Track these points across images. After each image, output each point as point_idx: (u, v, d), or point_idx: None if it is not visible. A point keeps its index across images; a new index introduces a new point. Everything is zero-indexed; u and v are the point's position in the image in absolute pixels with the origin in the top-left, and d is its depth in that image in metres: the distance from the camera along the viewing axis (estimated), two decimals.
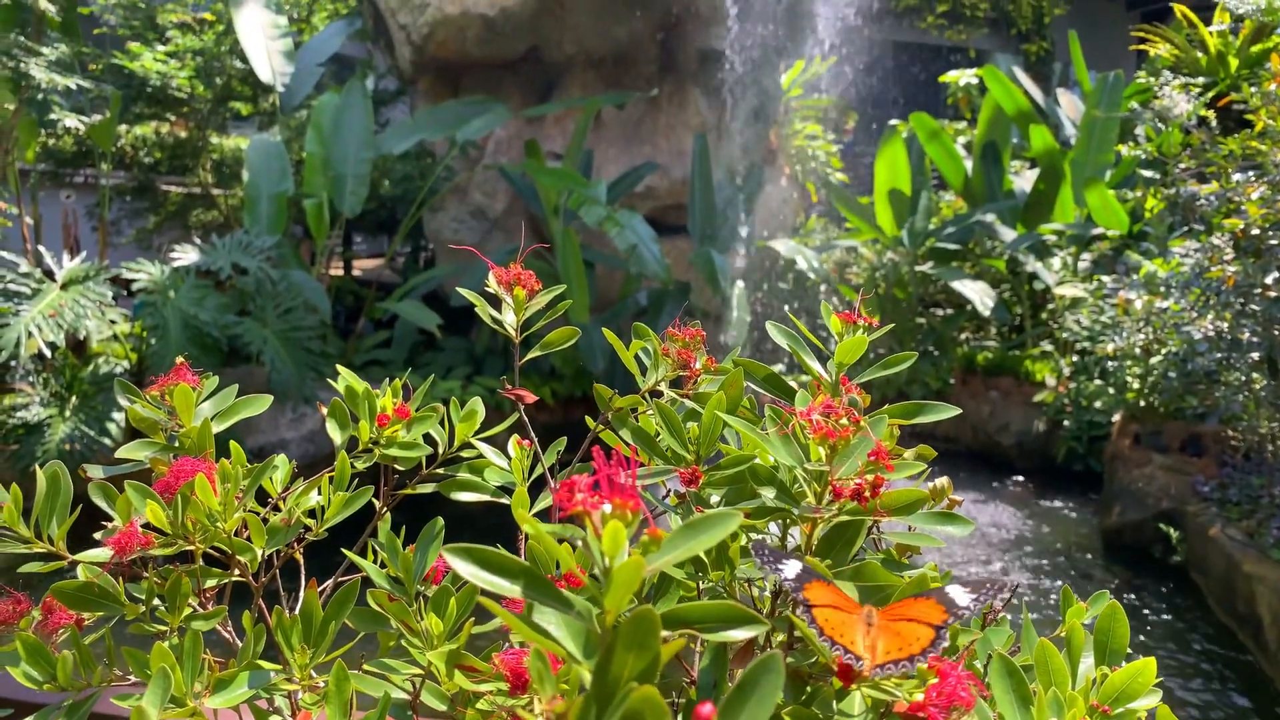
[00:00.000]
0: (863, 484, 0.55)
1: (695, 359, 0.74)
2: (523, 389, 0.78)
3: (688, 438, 0.65)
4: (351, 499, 0.74)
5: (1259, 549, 4.43)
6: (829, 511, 0.57)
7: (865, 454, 0.56)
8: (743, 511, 0.61)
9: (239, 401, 0.80)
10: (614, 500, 0.36)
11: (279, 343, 6.13)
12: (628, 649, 0.32)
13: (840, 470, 0.57)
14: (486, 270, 0.83)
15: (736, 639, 0.40)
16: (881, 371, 0.71)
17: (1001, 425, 7.55)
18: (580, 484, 0.37)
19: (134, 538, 0.61)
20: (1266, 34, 8.55)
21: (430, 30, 7.55)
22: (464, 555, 0.39)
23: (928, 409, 0.68)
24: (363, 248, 11.53)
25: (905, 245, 8.18)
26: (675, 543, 0.38)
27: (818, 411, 0.56)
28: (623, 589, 0.34)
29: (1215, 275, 4.60)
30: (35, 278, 5.60)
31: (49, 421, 5.43)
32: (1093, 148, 7.87)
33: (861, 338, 0.67)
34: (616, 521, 0.35)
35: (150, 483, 0.73)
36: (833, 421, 0.56)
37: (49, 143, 7.60)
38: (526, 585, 0.38)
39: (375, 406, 0.78)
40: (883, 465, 0.56)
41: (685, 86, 8.58)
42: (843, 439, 0.55)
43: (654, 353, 0.75)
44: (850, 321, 0.70)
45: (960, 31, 14.58)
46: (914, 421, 0.69)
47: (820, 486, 0.58)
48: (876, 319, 2.88)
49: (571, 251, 6.97)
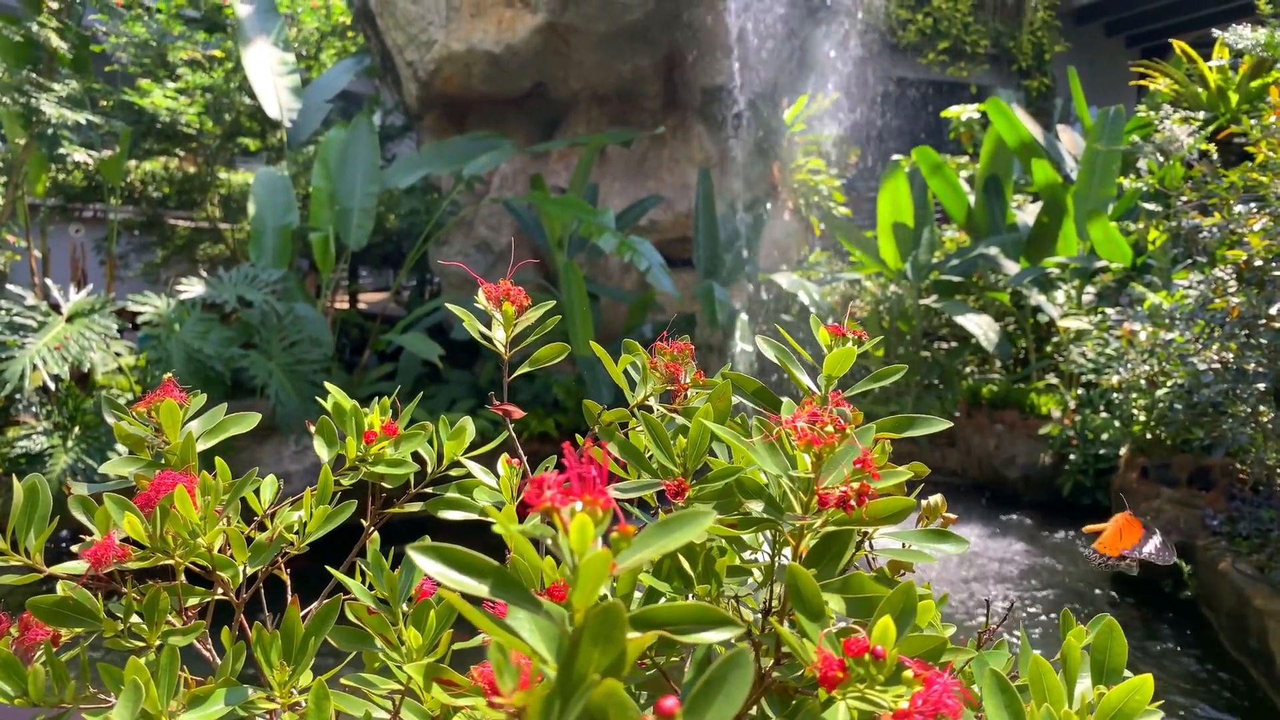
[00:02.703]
0: (848, 492, 0.54)
1: (683, 373, 0.74)
2: (510, 405, 0.77)
3: (675, 451, 0.65)
4: (334, 514, 0.73)
5: (1270, 584, 4.37)
6: (816, 520, 0.56)
7: (851, 462, 0.55)
8: (730, 521, 0.60)
9: (227, 419, 0.80)
10: (584, 497, 0.35)
11: (284, 376, 6.14)
12: (593, 643, 0.31)
13: (826, 478, 0.56)
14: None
15: (710, 640, 0.39)
16: (872, 384, 0.70)
17: (1007, 458, 7.49)
18: (550, 481, 0.36)
19: (110, 550, 0.60)
20: (1266, 69, 8.62)
21: (436, 67, 7.65)
22: (431, 554, 0.38)
23: (919, 422, 0.68)
24: (368, 281, 11.60)
25: (909, 278, 8.19)
26: (646, 540, 0.37)
27: (803, 419, 0.55)
28: (590, 584, 0.33)
29: (1219, 307, 4.59)
30: (41, 310, 5.63)
31: (51, 452, 5.44)
32: (1095, 181, 7.91)
33: (850, 349, 0.67)
34: (584, 516, 0.34)
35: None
36: (818, 429, 0.55)
37: (59, 177, 7.70)
38: (495, 584, 0.37)
39: (362, 423, 0.77)
40: (869, 473, 0.55)
41: (689, 121, 8.67)
42: (828, 446, 0.55)
43: (642, 367, 0.75)
44: (839, 335, 0.69)
45: (962, 68, 14.75)
46: (905, 435, 0.68)
47: (806, 495, 0.57)
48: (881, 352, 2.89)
49: (575, 284, 6.99)
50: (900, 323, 8.22)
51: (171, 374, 3.74)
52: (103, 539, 0.62)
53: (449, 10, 7.42)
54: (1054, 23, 15.40)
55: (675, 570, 0.59)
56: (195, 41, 7.96)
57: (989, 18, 14.74)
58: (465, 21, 7.43)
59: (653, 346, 0.76)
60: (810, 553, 0.59)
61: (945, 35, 14.69)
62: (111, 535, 0.63)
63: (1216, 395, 4.80)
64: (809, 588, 0.48)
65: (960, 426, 7.92)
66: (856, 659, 0.45)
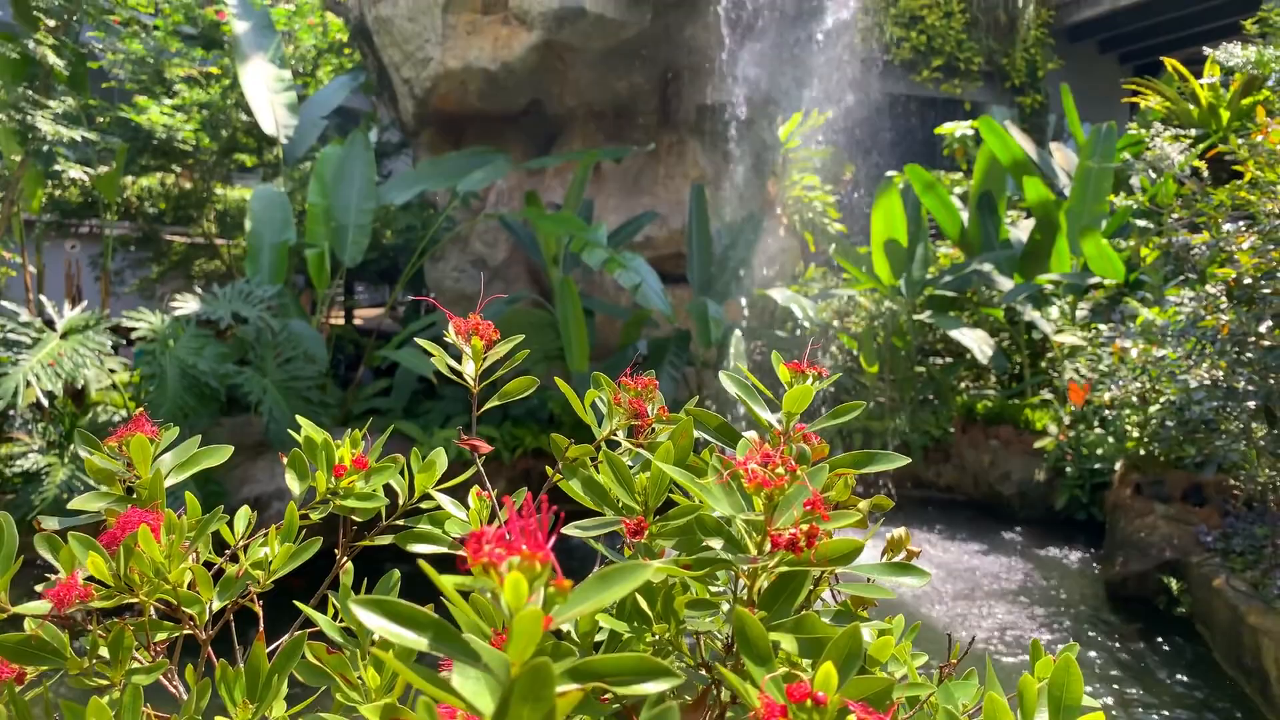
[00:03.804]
0: (797, 534, 0.55)
1: (648, 408, 0.74)
2: (479, 439, 0.78)
3: (637, 489, 0.65)
4: (299, 551, 0.73)
5: (1263, 601, 4.37)
6: (768, 562, 0.56)
7: (801, 503, 0.56)
8: (685, 562, 0.60)
9: (199, 452, 0.80)
10: (520, 552, 0.36)
11: (278, 392, 6.13)
12: (523, 700, 0.32)
13: (777, 520, 0.57)
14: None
15: (648, 692, 0.39)
16: (831, 421, 0.71)
17: (1002, 474, 7.50)
18: (488, 535, 0.37)
19: (73, 590, 0.61)
20: (1256, 86, 8.69)
21: (433, 84, 7.69)
22: (372, 607, 0.38)
23: (878, 458, 0.68)
24: (364, 297, 11.61)
25: (903, 294, 8.22)
26: (584, 594, 0.37)
27: (755, 461, 0.56)
28: (523, 640, 0.34)
29: (1210, 324, 4.61)
30: (35, 327, 5.63)
31: (47, 470, 5.42)
32: (1087, 198, 7.95)
33: (807, 387, 0.67)
34: (518, 574, 0.35)
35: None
36: (769, 471, 0.56)
37: (54, 193, 7.71)
38: (435, 638, 0.37)
39: (333, 457, 0.78)
40: (819, 515, 0.56)
41: (684, 138, 8.71)
42: (778, 489, 0.55)
43: (608, 403, 0.76)
44: (798, 371, 0.70)
45: (956, 85, 14.83)
46: (865, 471, 0.68)
47: (759, 536, 0.57)
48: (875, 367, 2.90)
49: (571, 300, 7.00)
50: (895, 338, 8.24)
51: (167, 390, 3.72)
52: (66, 579, 0.62)
53: (445, 28, 7.46)
54: (1047, 40, 15.51)
55: (635, 610, 0.60)
56: (192, 58, 8.00)
57: (983, 35, 14.84)
58: (461, 39, 7.47)
59: (619, 380, 0.76)
60: (766, 591, 0.59)
61: (939, 52, 14.79)
62: (75, 575, 0.63)
63: (1208, 412, 4.82)
64: (755, 631, 0.48)
65: (955, 442, 7.93)
66: (799, 704, 0.45)
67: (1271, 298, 4.35)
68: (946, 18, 14.74)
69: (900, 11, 14.78)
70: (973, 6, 14.79)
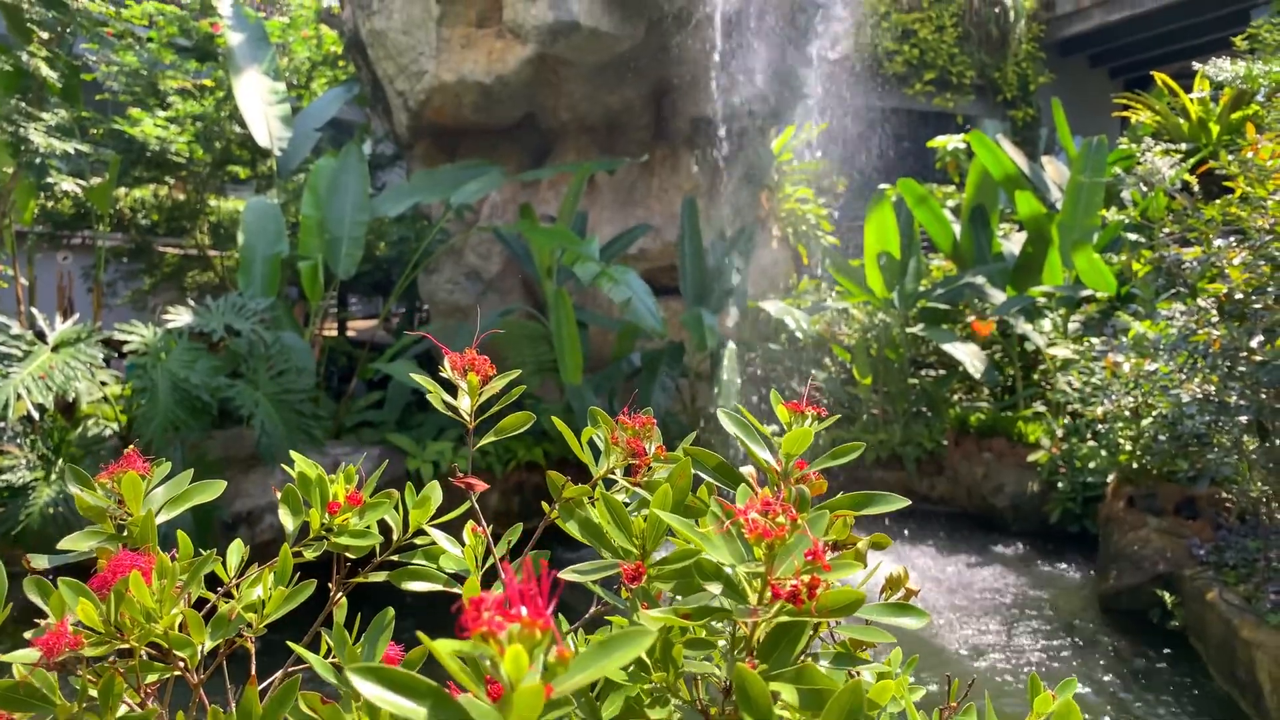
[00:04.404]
0: (798, 586, 0.54)
1: (646, 447, 0.74)
2: (474, 478, 0.77)
3: (634, 532, 0.65)
4: (292, 594, 0.72)
5: (1256, 614, 4.37)
6: (767, 614, 0.56)
7: (802, 553, 0.56)
8: (685, 611, 0.60)
9: (192, 488, 0.79)
10: (520, 619, 0.35)
11: (270, 405, 6.10)
12: None
13: (778, 570, 0.56)
14: (477, 330, 0.83)
15: None
16: (830, 462, 0.70)
17: (996, 487, 7.50)
18: (489, 602, 0.36)
19: (62, 638, 0.60)
20: (1246, 101, 8.77)
21: (427, 97, 7.70)
22: (369, 676, 0.38)
23: (876, 499, 0.68)
24: (357, 309, 11.59)
25: (896, 307, 8.24)
26: (584, 663, 0.37)
27: (755, 509, 0.56)
28: (524, 712, 0.33)
29: (1202, 338, 4.63)
30: (26, 340, 5.60)
31: (34, 485, 5.38)
32: (1079, 212, 7.99)
33: (807, 430, 0.67)
34: (518, 646, 0.34)
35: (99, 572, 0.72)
36: (770, 520, 0.55)
37: (47, 205, 7.69)
38: (434, 708, 0.37)
39: (327, 493, 0.77)
40: (820, 565, 0.55)
41: (678, 151, 8.73)
42: (779, 539, 0.55)
43: (605, 442, 0.75)
44: (798, 411, 0.70)
45: (948, 98, 14.92)
46: (864, 512, 0.68)
47: (760, 586, 0.57)
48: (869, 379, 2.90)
49: (564, 312, 7.00)
50: (888, 350, 8.26)
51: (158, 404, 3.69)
52: (56, 626, 0.62)
53: (439, 41, 7.48)
54: (1038, 54, 15.63)
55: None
56: (186, 70, 7.99)
57: (975, 49, 14.94)
58: (456, 52, 7.49)
59: (617, 418, 0.76)
60: (766, 639, 0.59)
61: (931, 66, 14.89)
62: (65, 622, 0.62)
63: (1200, 426, 4.83)
64: (756, 689, 0.48)
65: (948, 454, 7.94)
66: None
67: (1262, 312, 4.37)
68: (939, 32, 14.84)
69: (893, 25, 14.88)
70: (965, 21, 14.89)
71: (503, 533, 0.86)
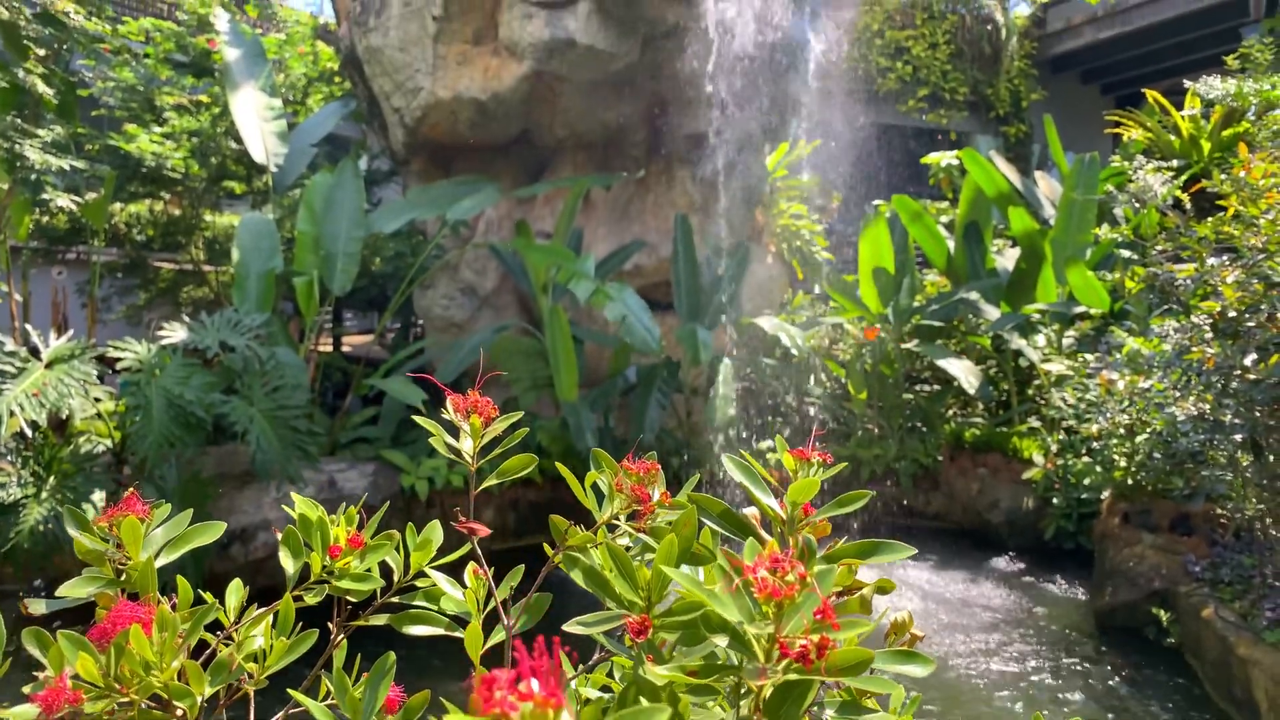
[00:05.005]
0: (807, 646, 0.54)
1: (651, 493, 0.74)
2: (476, 523, 0.77)
3: (640, 584, 0.64)
4: (294, 644, 0.72)
5: (1253, 631, 4.37)
6: (774, 675, 0.55)
7: (811, 612, 0.55)
8: (692, 668, 0.59)
9: (190, 530, 0.79)
10: (534, 700, 0.35)
11: (265, 421, 6.08)
12: None
13: (786, 628, 0.56)
14: (471, 346, 0.83)
15: None
16: (835, 511, 0.70)
17: (991, 502, 7.50)
18: (501, 680, 0.36)
19: (61, 694, 0.59)
20: (1237, 119, 8.84)
21: (423, 113, 7.72)
22: None
23: (883, 549, 0.68)
24: (353, 324, 11.58)
25: (890, 323, 8.26)
26: None
27: (764, 567, 0.55)
28: None
29: (1196, 356, 4.65)
30: (20, 356, 5.57)
31: (24, 502, 5.35)
32: (1072, 228, 8.04)
33: (814, 480, 0.67)
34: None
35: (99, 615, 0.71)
36: (779, 579, 0.55)
37: (42, 220, 7.67)
38: None
39: (328, 536, 0.77)
40: (829, 624, 0.55)
41: (673, 168, 8.76)
42: (788, 598, 0.55)
43: (609, 488, 0.75)
44: (804, 459, 0.69)
45: (941, 114, 15.02)
46: (870, 562, 0.68)
47: (768, 644, 0.56)
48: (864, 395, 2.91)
49: (560, 328, 7.00)
50: (883, 366, 8.27)
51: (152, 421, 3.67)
52: (55, 681, 0.61)
53: (436, 58, 7.50)
54: (1030, 71, 15.74)
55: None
56: (183, 86, 8.01)
57: (967, 66, 15.05)
58: (452, 69, 7.51)
59: (621, 463, 0.76)
60: (773, 695, 0.58)
61: (925, 83, 14.99)
62: (64, 677, 0.61)
63: (1195, 444, 4.84)
64: None
65: (943, 470, 7.94)
66: None
67: (1256, 330, 4.39)
68: (932, 49, 14.95)
69: (886, 43, 14.99)
70: (957, 38, 15.01)
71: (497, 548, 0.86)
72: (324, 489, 6.46)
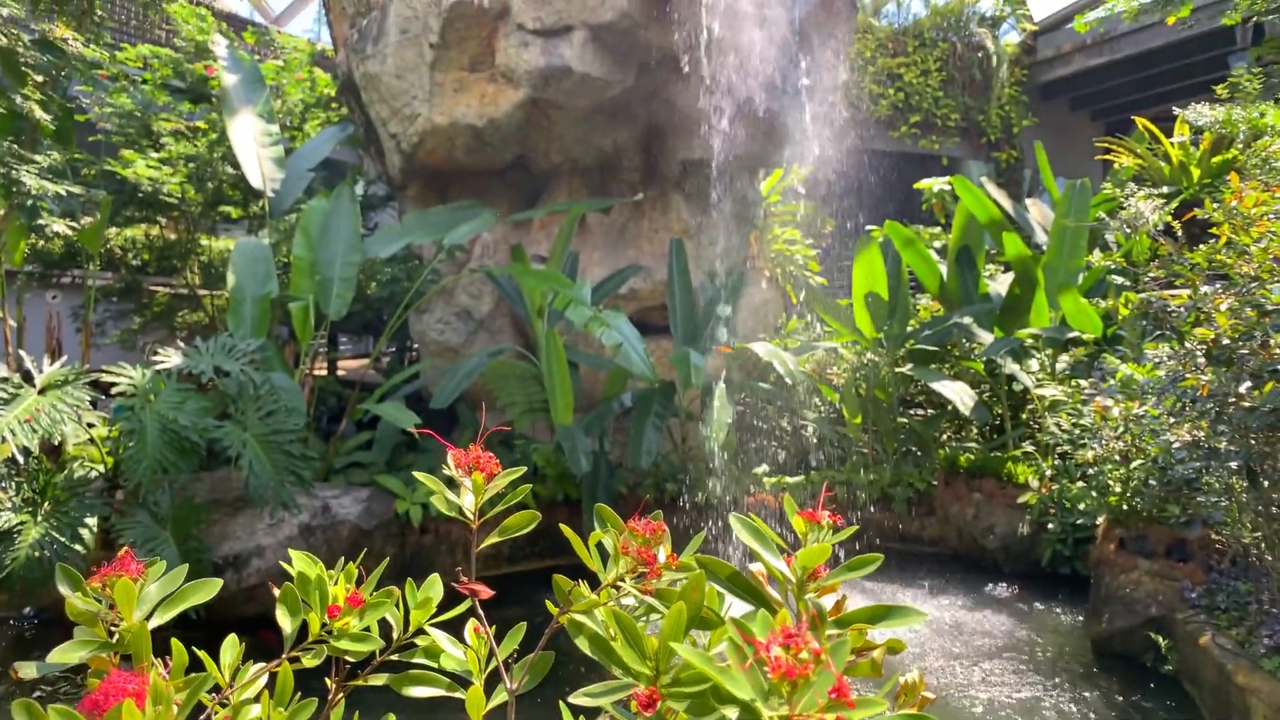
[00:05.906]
0: None
1: (657, 555, 0.73)
2: (478, 584, 0.76)
3: (648, 652, 0.63)
4: (292, 716, 0.70)
5: (1250, 659, 4.34)
6: None
7: (825, 690, 0.54)
8: None
9: (185, 589, 0.77)
10: None
11: (259, 446, 6.04)
12: None
13: (800, 705, 0.55)
14: (467, 371, 0.82)
15: None
16: (846, 575, 0.69)
17: (986, 528, 7.48)
18: None
19: None
20: (1226, 145, 8.93)
21: (420, 139, 7.75)
22: None
23: (895, 613, 0.67)
24: (348, 348, 11.55)
25: (884, 347, 8.28)
26: None
27: (777, 643, 0.54)
28: None
29: (1190, 383, 4.65)
30: (13, 383, 5.55)
31: (19, 529, 5.30)
32: (1064, 254, 8.08)
33: (825, 545, 0.66)
34: None
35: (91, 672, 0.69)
36: (792, 656, 0.54)
37: (37, 245, 7.66)
38: None
39: (327, 595, 0.75)
40: (845, 703, 0.54)
41: (668, 193, 8.80)
42: (803, 677, 0.53)
43: (614, 549, 0.74)
44: (814, 521, 0.69)
45: (933, 140, 15.14)
46: (882, 627, 0.67)
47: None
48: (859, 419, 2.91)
49: (555, 353, 6.99)
50: (877, 390, 8.27)
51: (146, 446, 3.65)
52: None
53: (433, 85, 7.54)
54: (1021, 98, 15.90)
55: None
56: (180, 112, 8.03)
57: (959, 93, 15.20)
58: (448, 96, 7.55)
59: (627, 523, 0.75)
60: None
61: (917, 109, 15.12)
62: None
63: (1190, 472, 4.84)
64: None
65: (939, 494, 7.92)
66: None
67: (1249, 358, 4.40)
68: (923, 76, 15.09)
69: (879, 70, 15.13)
70: (949, 65, 15.17)
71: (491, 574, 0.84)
72: (318, 514, 6.42)
